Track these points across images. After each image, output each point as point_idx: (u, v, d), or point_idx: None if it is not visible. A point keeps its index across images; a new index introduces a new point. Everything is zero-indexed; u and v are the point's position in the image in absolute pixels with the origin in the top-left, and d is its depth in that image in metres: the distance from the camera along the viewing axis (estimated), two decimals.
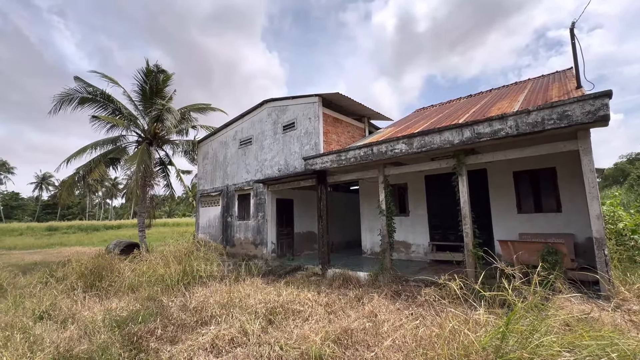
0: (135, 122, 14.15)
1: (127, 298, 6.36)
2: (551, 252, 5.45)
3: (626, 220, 7.03)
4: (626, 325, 3.08)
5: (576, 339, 2.48)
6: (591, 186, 5.08)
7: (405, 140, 7.01)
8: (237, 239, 12.30)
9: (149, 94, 13.74)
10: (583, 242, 7.01)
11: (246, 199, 12.25)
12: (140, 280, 7.06)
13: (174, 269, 7.50)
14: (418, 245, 9.85)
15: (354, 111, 11.52)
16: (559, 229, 7.25)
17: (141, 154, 12.61)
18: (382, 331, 4.36)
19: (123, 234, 30.30)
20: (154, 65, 13.96)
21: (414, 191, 10.11)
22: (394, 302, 5.84)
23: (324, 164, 8.61)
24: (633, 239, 6.44)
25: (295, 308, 5.46)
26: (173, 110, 12.99)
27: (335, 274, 8.10)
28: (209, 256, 8.82)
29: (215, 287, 6.87)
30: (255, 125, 12.31)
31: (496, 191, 8.43)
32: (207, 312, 5.17)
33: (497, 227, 8.26)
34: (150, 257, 8.56)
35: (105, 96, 13.15)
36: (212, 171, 14.23)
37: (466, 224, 6.38)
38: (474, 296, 3.60)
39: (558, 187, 7.50)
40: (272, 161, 11.38)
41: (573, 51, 6.72)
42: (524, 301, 2.92)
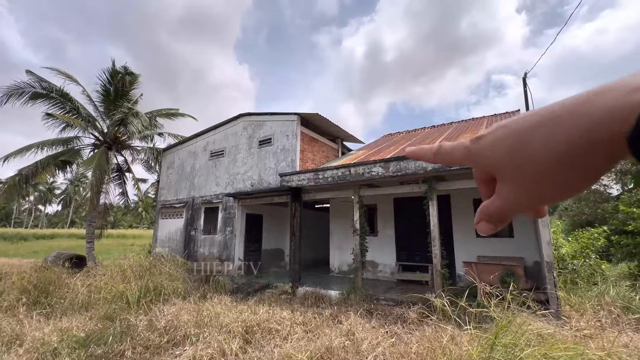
0: (94, 124, 13.14)
1: (80, 317, 5.73)
2: (509, 273, 6.05)
3: (567, 247, 8.06)
4: (582, 339, 3.54)
5: (548, 351, 2.82)
6: None
7: (382, 164, 7.42)
8: (201, 254, 11.71)
9: (114, 95, 12.93)
10: (531, 266, 7.85)
11: (214, 213, 11.82)
12: (96, 297, 6.41)
13: (135, 285, 6.94)
14: (385, 265, 10.20)
15: (330, 132, 11.91)
16: (512, 253, 8.05)
17: (99, 158, 11.68)
18: (362, 349, 4.46)
19: (58, 245, 27.01)
20: (121, 67, 13.27)
21: (383, 212, 10.57)
22: (368, 320, 5.98)
23: (300, 181, 8.72)
24: (572, 263, 7.40)
25: (273, 327, 5.36)
26: (141, 115, 12.33)
27: (306, 292, 8.07)
28: (173, 271, 8.29)
29: (181, 305, 6.48)
30: (229, 137, 12.12)
31: (458, 216, 9.16)
32: (179, 332, 4.86)
33: (458, 250, 8.92)
34: (107, 271, 7.83)
35: (62, 94, 12.11)
36: (177, 181, 13.57)
37: (435, 245, 6.84)
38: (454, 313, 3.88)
39: None
40: (244, 175, 11.21)
41: (525, 96, 7.82)
42: (501, 318, 3.25)
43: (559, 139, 0.27)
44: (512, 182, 0.31)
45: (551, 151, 0.27)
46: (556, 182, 0.28)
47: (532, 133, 0.28)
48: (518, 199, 0.31)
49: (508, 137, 0.30)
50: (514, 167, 0.30)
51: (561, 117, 0.27)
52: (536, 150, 0.28)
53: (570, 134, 0.26)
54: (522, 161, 0.29)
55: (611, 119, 0.24)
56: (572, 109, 0.26)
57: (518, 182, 0.30)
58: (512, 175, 0.30)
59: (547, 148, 0.27)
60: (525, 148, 0.29)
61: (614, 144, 0.24)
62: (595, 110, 0.25)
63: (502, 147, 0.31)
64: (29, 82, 11.35)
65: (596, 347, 2.95)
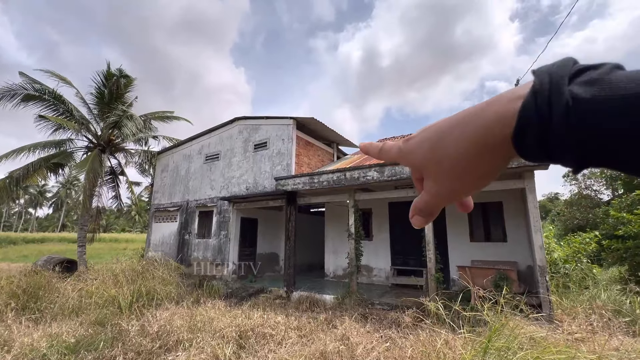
0: (88, 127, 13.03)
1: (70, 322, 5.62)
2: (502, 277, 6.10)
3: (559, 251, 8.16)
4: (573, 342, 3.57)
5: (541, 354, 2.85)
6: (535, 220, 5.88)
7: (377, 168, 7.47)
8: (195, 258, 11.60)
9: (108, 98, 12.85)
10: (524, 270, 7.91)
11: (208, 216, 11.74)
12: (87, 302, 6.31)
13: (128, 290, 6.85)
14: (380, 270, 10.21)
15: (325, 136, 11.96)
16: (505, 257, 8.11)
17: (92, 161, 11.56)
18: (357, 354, 4.45)
19: (48, 249, 26.52)
20: (116, 69, 13.20)
21: (378, 216, 10.60)
22: (363, 325, 5.97)
23: (296, 185, 8.73)
24: (565, 267, 7.49)
25: (267, 332, 5.31)
26: (135, 118, 12.26)
27: (301, 296, 8.03)
28: (166, 275, 8.20)
29: (174, 310, 6.40)
30: (225, 141, 12.09)
31: (452, 221, 9.22)
32: (172, 337, 4.80)
33: (452, 254, 8.97)
34: (98, 275, 7.71)
35: (56, 96, 12.00)
36: (172, 185, 13.47)
37: (429, 250, 6.88)
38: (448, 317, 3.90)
39: (504, 220, 8.47)
40: (240, 179, 11.18)
41: None
42: (494, 322, 3.27)
43: (466, 138, 0.31)
44: (434, 177, 0.35)
45: (461, 149, 0.31)
46: (466, 176, 0.33)
47: (449, 132, 0.33)
48: (439, 192, 0.35)
49: (431, 136, 0.35)
50: (435, 163, 0.34)
51: (469, 120, 0.31)
52: (450, 148, 0.32)
53: (473, 135, 0.31)
54: (440, 158, 0.33)
55: (501, 123, 0.29)
56: (478, 112, 0.31)
57: (438, 176, 0.34)
58: (433, 171, 0.35)
59: (458, 147, 0.32)
60: (443, 146, 0.33)
61: (504, 144, 0.29)
62: (490, 115, 0.30)
63: (426, 146, 0.35)
64: (22, 84, 11.23)
65: (588, 351, 2.98)
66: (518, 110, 0.28)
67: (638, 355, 2.89)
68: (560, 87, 0.27)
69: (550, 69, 0.29)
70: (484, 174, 0.32)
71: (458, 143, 0.32)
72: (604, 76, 0.26)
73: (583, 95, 0.26)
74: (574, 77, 0.27)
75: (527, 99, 0.28)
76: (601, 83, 0.26)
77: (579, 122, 0.26)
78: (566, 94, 0.26)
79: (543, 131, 0.27)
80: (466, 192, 0.35)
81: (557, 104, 0.26)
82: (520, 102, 0.28)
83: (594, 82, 0.26)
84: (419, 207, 0.38)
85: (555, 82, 0.27)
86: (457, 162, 0.32)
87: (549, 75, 0.28)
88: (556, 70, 0.28)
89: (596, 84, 0.26)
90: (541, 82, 0.28)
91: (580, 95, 0.26)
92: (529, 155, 0.29)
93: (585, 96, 0.26)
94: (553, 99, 0.27)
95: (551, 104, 0.27)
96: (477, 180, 0.33)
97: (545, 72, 0.29)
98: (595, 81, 0.26)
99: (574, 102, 0.26)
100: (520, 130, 0.28)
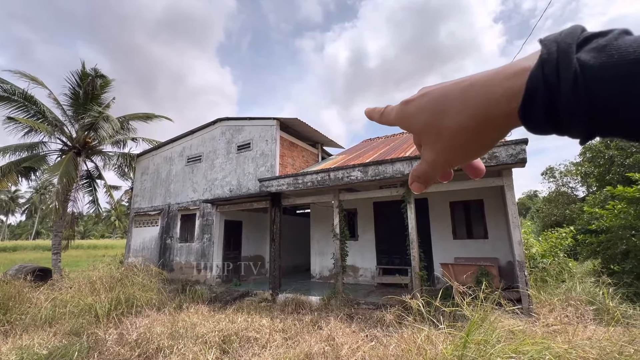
0: (62, 129, 12.50)
1: (43, 333, 5.35)
2: (484, 273, 6.23)
3: (537, 246, 8.43)
4: (550, 334, 3.68)
5: (518, 347, 2.91)
6: (513, 216, 6.05)
7: (360, 168, 7.50)
8: (177, 262, 11.31)
9: (83, 99, 12.36)
10: (504, 265, 8.13)
11: (191, 220, 11.48)
12: (62, 312, 6.02)
13: (105, 297, 6.59)
14: (366, 269, 10.25)
15: (309, 137, 11.93)
16: (487, 254, 8.31)
17: (66, 164, 11.09)
18: (342, 354, 4.43)
19: (21, 258, 25.24)
20: (91, 69, 12.73)
21: (363, 216, 10.65)
22: (349, 325, 5.96)
23: (280, 186, 8.65)
24: (543, 262, 7.74)
25: (251, 335, 5.23)
26: (112, 119, 11.86)
27: (287, 299, 7.95)
28: (147, 281, 7.95)
29: (155, 317, 6.21)
30: (207, 142, 11.87)
31: (435, 219, 9.37)
32: (151, 345, 4.64)
33: (436, 252, 9.11)
34: (73, 283, 7.39)
35: (27, 97, 11.46)
36: (152, 188, 13.10)
37: (413, 248, 6.95)
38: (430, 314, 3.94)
39: (485, 217, 8.68)
40: (223, 181, 10.99)
41: None
42: (473, 316, 3.33)
43: (469, 112, 0.31)
44: (432, 146, 0.35)
45: (462, 122, 0.31)
46: (464, 147, 0.33)
47: (450, 104, 0.32)
48: (436, 161, 0.36)
49: (431, 105, 0.34)
50: (434, 133, 0.34)
51: (473, 92, 0.31)
52: (451, 120, 0.32)
53: (476, 108, 0.31)
54: (440, 128, 0.33)
55: (507, 97, 0.28)
56: (482, 85, 0.31)
57: (435, 146, 0.35)
58: (431, 140, 0.35)
59: (459, 119, 0.32)
60: (443, 117, 0.33)
61: (509, 117, 0.29)
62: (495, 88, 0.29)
63: (426, 114, 0.35)
64: None
65: (562, 341, 3.07)
66: (525, 82, 0.27)
67: (608, 343, 3.00)
68: (568, 55, 0.26)
69: (558, 37, 0.28)
70: (483, 145, 0.33)
71: (459, 116, 0.31)
72: (612, 42, 0.25)
73: (591, 63, 0.25)
74: (582, 45, 0.27)
75: (535, 69, 0.27)
76: (609, 49, 0.25)
77: (588, 91, 0.25)
78: (574, 62, 0.26)
79: (551, 102, 0.26)
80: (462, 162, 0.37)
81: (565, 72, 0.26)
82: (527, 74, 0.27)
83: (602, 49, 0.25)
84: (416, 174, 0.39)
85: (563, 50, 0.26)
86: (457, 134, 0.32)
87: (556, 43, 0.27)
88: (564, 39, 0.27)
89: (604, 50, 0.25)
90: (549, 51, 0.27)
91: (589, 62, 0.25)
92: (536, 127, 0.29)
93: (593, 63, 0.25)
94: (561, 68, 0.26)
95: (559, 72, 0.26)
96: (474, 151, 0.34)
97: (552, 41, 0.28)
98: (603, 47, 0.25)
99: (582, 70, 0.25)
100: (528, 102, 0.27)
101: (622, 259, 7.22)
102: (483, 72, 0.32)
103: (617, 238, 7.47)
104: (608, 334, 3.17)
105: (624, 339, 2.94)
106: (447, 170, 0.39)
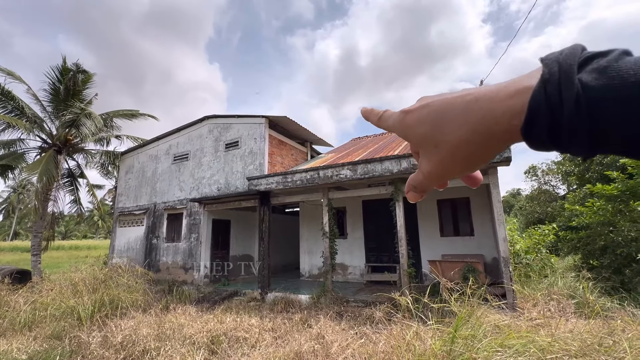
0: (41, 126, 12.05)
1: (22, 337, 5.16)
2: (471, 270, 6.36)
3: (521, 243, 8.66)
4: (534, 327, 3.78)
5: (504, 340, 2.98)
6: (499, 214, 6.19)
7: (350, 167, 7.52)
8: (164, 263, 11.09)
9: (64, 95, 11.94)
10: (490, 262, 8.31)
11: (177, 219, 11.27)
12: (42, 315, 5.82)
13: (89, 299, 6.40)
14: (355, 267, 10.31)
15: (298, 135, 11.88)
16: (473, 251, 8.48)
17: (46, 162, 10.71)
18: (332, 352, 4.44)
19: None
20: (73, 64, 12.32)
21: (352, 215, 10.70)
22: (338, 322, 5.98)
23: (269, 185, 8.59)
24: (526, 258, 7.96)
25: (240, 335, 5.18)
26: (94, 116, 11.51)
27: (276, 298, 7.92)
28: (132, 282, 7.76)
29: (141, 318, 6.07)
30: (194, 140, 11.67)
31: (423, 217, 9.50)
32: (137, 347, 4.54)
33: (423, 249, 9.24)
34: (54, 285, 7.15)
35: (3, 92, 11.00)
36: (137, 187, 12.79)
37: (402, 245, 7.03)
38: (418, 310, 3.99)
39: (471, 215, 8.85)
40: (210, 179, 10.83)
41: None
42: (460, 312, 3.38)
43: (469, 127, 0.31)
44: (429, 158, 0.35)
45: (462, 137, 0.32)
46: (464, 161, 0.33)
47: (451, 118, 0.33)
48: (432, 173, 0.36)
49: (431, 117, 0.34)
50: (432, 145, 0.34)
51: (473, 108, 0.31)
52: (450, 135, 0.32)
53: (477, 124, 0.31)
54: (439, 141, 0.33)
55: (509, 114, 0.29)
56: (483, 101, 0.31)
57: (432, 158, 0.35)
58: (429, 152, 0.35)
59: (459, 134, 0.32)
60: (443, 131, 0.33)
61: (510, 134, 0.30)
62: (496, 105, 0.30)
63: (425, 126, 0.35)
64: None
65: (545, 335, 3.16)
66: (527, 101, 0.28)
67: (589, 335, 3.10)
68: (569, 76, 0.27)
69: (559, 57, 0.28)
70: (482, 158, 0.33)
71: (459, 130, 0.32)
72: (613, 63, 0.26)
73: (593, 84, 0.26)
74: (583, 65, 0.27)
75: (537, 89, 0.28)
76: (610, 71, 0.26)
77: (590, 111, 0.25)
78: (576, 82, 0.26)
79: (553, 121, 0.27)
80: (459, 174, 0.37)
81: (568, 93, 0.26)
82: (530, 93, 0.28)
83: (603, 70, 0.26)
84: (413, 184, 0.39)
85: (565, 70, 0.27)
86: (456, 149, 0.32)
87: (557, 63, 0.28)
88: (565, 59, 0.28)
89: (605, 71, 0.26)
90: (550, 71, 0.28)
91: (590, 83, 0.26)
92: (537, 144, 0.29)
93: (595, 85, 0.26)
94: (563, 89, 0.26)
95: (561, 93, 0.26)
96: (473, 164, 0.34)
97: (554, 61, 0.28)
98: (604, 69, 0.26)
99: (584, 90, 0.26)
100: (530, 121, 0.28)
101: (601, 254, 7.49)
102: (486, 86, 0.32)
103: (596, 234, 7.74)
104: (589, 326, 3.28)
105: (603, 332, 3.05)
106: (444, 181, 0.39)
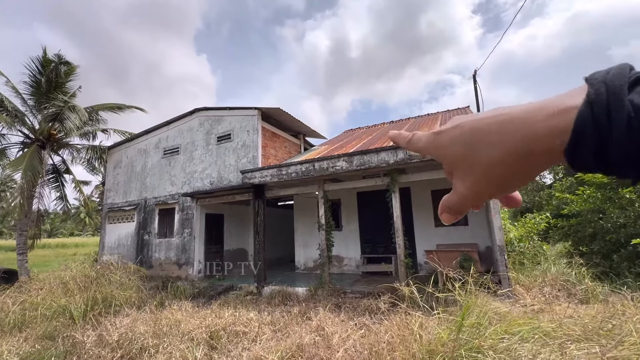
0: (23, 120, 11.56)
1: (12, 339, 4.98)
2: (466, 259, 6.43)
3: (514, 231, 8.82)
4: (532, 313, 3.84)
5: (508, 327, 3.00)
6: (494, 203, 6.25)
7: (345, 158, 7.46)
8: (156, 259, 10.90)
9: (46, 87, 11.46)
10: (483, 250, 8.44)
11: (169, 214, 11.05)
12: (32, 315, 5.63)
13: (81, 298, 6.23)
14: (350, 259, 10.34)
15: (292, 127, 11.73)
16: (467, 240, 8.58)
17: (30, 158, 10.31)
18: (333, 343, 4.43)
19: None
20: (54, 55, 11.81)
21: (347, 207, 10.69)
22: (337, 314, 5.98)
23: (263, 178, 8.47)
24: (519, 246, 8.12)
25: (239, 330, 5.12)
26: (78, 109, 11.09)
27: (272, 291, 7.88)
28: (124, 279, 7.60)
29: (136, 315, 5.94)
30: (185, 134, 11.39)
31: (418, 207, 9.55)
32: (135, 345, 4.43)
33: (419, 240, 9.31)
34: (44, 285, 6.93)
35: None
36: (127, 182, 12.46)
37: (398, 236, 7.05)
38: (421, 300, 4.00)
39: None
40: (203, 173, 10.62)
41: (475, 93, 8.35)
42: (465, 301, 3.40)
43: (505, 147, 0.30)
44: (463, 178, 0.34)
45: (497, 157, 0.30)
46: (500, 181, 0.32)
47: (483, 139, 0.31)
48: (466, 195, 0.34)
49: (465, 138, 0.33)
50: (466, 166, 0.33)
51: (509, 128, 0.30)
52: (485, 156, 0.31)
53: (513, 145, 0.29)
54: (473, 162, 0.32)
55: (550, 135, 0.28)
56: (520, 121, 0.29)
57: (467, 178, 0.33)
58: (463, 173, 0.34)
59: (494, 154, 0.30)
60: (476, 151, 0.32)
61: (551, 154, 0.28)
62: (536, 125, 0.28)
63: (458, 146, 0.33)
64: None
65: (547, 320, 3.20)
66: (572, 122, 0.26)
67: (590, 320, 3.15)
68: (619, 97, 0.25)
69: (606, 77, 0.27)
70: (518, 179, 0.32)
71: (493, 150, 0.31)
72: None
73: None
74: (633, 85, 0.26)
75: (583, 109, 0.26)
76: None
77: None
78: (626, 104, 0.25)
79: (601, 144, 0.26)
80: (495, 196, 0.35)
81: (618, 115, 0.25)
82: (574, 113, 0.27)
83: None
84: (448, 205, 0.38)
85: (614, 92, 0.26)
86: (489, 169, 0.31)
87: (604, 84, 0.26)
88: (612, 79, 0.26)
89: None
90: (597, 91, 0.26)
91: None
92: (582, 167, 0.28)
93: None
94: (612, 110, 0.25)
95: (610, 115, 0.25)
96: (509, 186, 0.33)
97: (600, 81, 0.27)
98: None
99: (636, 113, 0.25)
100: (575, 143, 0.27)
101: (590, 240, 7.69)
102: (521, 105, 0.31)
103: (586, 221, 7.93)
104: (589, 311, 3.34)
105: (605, 315, 3.10)
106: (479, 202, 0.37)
